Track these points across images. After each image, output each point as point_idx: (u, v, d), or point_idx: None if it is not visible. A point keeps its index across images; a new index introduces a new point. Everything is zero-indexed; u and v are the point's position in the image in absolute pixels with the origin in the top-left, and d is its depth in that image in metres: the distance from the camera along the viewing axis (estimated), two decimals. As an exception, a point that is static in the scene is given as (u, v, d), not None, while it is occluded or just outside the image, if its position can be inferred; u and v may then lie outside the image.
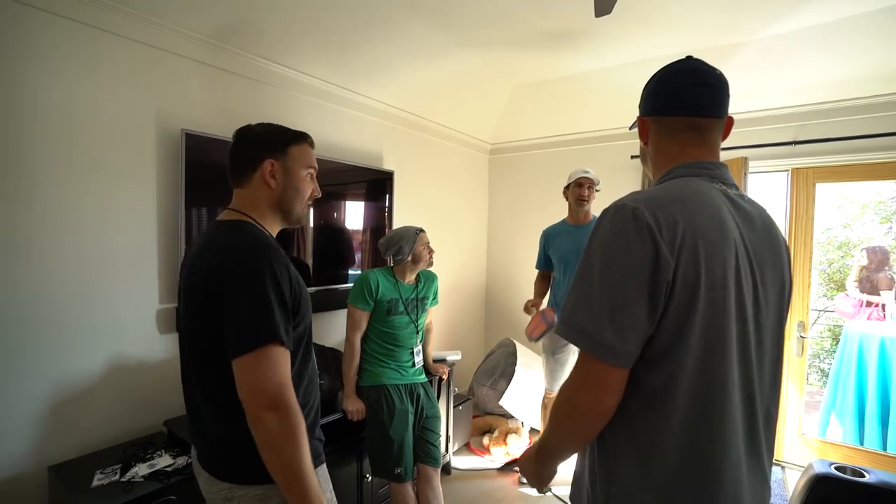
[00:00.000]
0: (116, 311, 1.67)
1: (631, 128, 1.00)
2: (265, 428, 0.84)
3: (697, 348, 0.66)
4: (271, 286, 0.87)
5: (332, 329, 2.49)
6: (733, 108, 0.82)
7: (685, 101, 0.79)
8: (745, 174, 2.56)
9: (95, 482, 1.38)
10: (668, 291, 0.65)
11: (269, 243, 0.93)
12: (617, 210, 0.69)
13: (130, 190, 1.69)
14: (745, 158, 2.57)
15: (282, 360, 0.86)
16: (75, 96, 1.54)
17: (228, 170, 1.03)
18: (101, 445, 1.62)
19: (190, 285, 0.94)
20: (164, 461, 1.50)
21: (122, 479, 1.39)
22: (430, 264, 2.03)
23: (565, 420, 0.74)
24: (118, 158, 1.65)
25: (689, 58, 0.82)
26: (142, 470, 1.44)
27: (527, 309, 2.44)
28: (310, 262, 2.32)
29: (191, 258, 0.97)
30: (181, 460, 1.51)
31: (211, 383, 0.92)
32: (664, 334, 0.66)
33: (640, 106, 0.87)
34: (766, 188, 2.87)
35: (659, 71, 0.84)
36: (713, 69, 0.80)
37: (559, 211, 2.65)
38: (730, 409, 0.68)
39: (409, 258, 1.96)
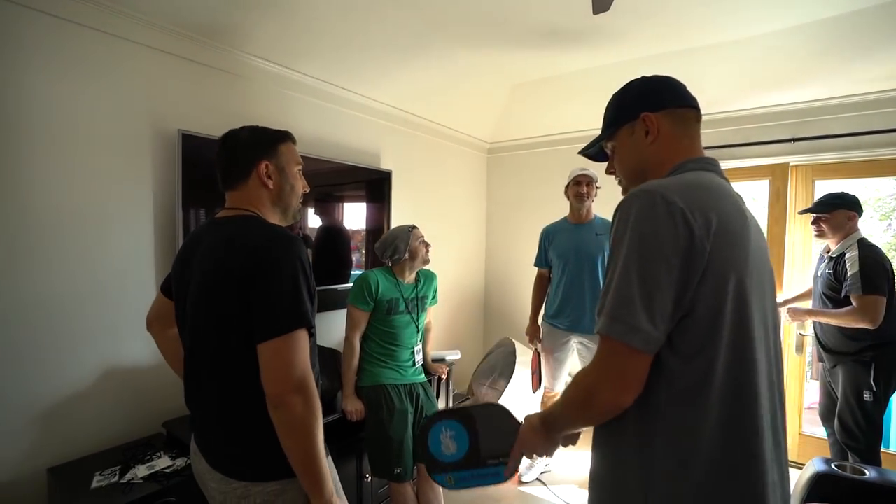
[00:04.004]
0: (113, 312, 1.66)
1: (590, 146, 0.95)
2: (290, 412, 0.85)
3: (730, 337, 0.65)
4: (301, 274, 0.90)
5: (332, 329, 2.49)
6: (733, 104, 0.83)
7: (688, 96, 0.81)
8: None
9: (94, 484, 1.38)
10: (700, 276, 0.64)
11: (293, 234, 0.97)
12: (645, 195, 0.68)
13: (126, 191, 1.68)
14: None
15: (306, 344, 0.89)
16: (69, 97, 1.53)
17: (220, 175, 1.06)
18: (99, 447, 1.61)
19: (209, 279, 0.93)
20: (163, 462, 1.49)
21: (122, 481, 1.39)
22: (428, 260, 2.03)
23: (579, 410, 0.74)
24: (113, 160, 1.64)
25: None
26: (141, 471, 1.43)
27: (529, 337, 2.66)
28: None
29: (201, 253, 0.97)
30: (180, 461, 1.50)
31: (237, 376, 0.92)
32: (700, 323, 0.65)
33: (632, 107, 0.83)
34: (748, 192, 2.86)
35: (639, 79, 0.85)
36: None
37: (558, 209, 2.65)
38: (761, 398, 0.68)
39: (407, 255, 1.96)
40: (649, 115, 0.81)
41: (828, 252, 2.17)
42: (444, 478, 0.95)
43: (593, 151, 0.96)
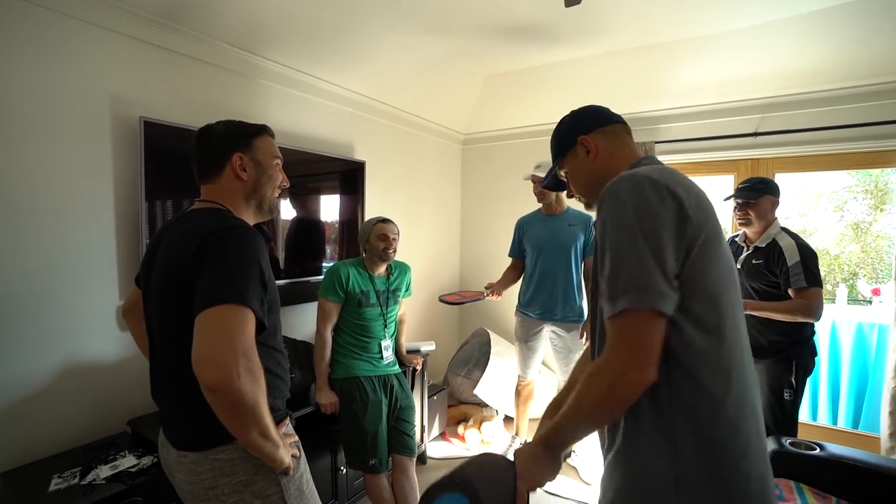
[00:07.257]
0: (73, 308, 1.59)
1: (546, 179, 1.08)
2: (235, 394, 0.79)
3: (726, 300, 0.73)
4: (254, 260, 0.89)
5: (303, 322, 2.45)
6: (701, 99, 0.88)
7: (612, 115, 0.96)
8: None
9: (53, 487, 1.32)
10: (693, 242, 0.71)
11: (250, 226, 0.96)
12: (629, 179, 0.75)
13: (85, 181, 1.60)
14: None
15: (250, 325, 0.84)
16: (21, 81, 1.43)
17: (195, 168, 1.04)
18: (59, 449, 1.55)
19: (168, 270, 0.92)
20: (128, 462, 1.44)
21: (83, 483, 1.34)
22: (387, 259, 1.97)
23: (600, 403, 0.71)
24: (71, 148, 1.56)
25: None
26: (104, 472, 1.38)
27: (487, 287, 2.50)
28: (280, 254, 2.27)
29: (166, 243, 0.96)
30: (146, 460, 1.46)
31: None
32: (702, 286, 0.71)
33: (568, 136, 0.96)
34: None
35: (568, 114, 1.01)
36: None
37: (531, 201, 2.67)
38: (745, 368, 0.75)
39: (365, 248, 1.95)
40: (584, 137, 0.94)
41: (745, 241, 2.05)
42: None
43: (551, 183, 1.07)
